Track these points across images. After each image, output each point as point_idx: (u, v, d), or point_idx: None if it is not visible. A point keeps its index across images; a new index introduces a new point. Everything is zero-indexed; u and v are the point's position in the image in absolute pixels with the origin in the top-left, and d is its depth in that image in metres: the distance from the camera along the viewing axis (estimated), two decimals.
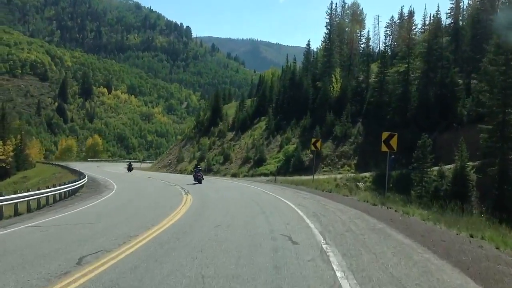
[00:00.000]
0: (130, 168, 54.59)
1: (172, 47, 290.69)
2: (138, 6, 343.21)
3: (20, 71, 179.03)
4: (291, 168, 43.38)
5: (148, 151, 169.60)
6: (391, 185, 30.28)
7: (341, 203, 18.04)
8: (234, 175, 47.60)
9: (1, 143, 69.95)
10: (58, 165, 66.28)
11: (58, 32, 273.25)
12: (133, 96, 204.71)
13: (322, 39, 58.60)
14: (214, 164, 52.98)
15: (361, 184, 38.66)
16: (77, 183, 25.62)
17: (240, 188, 28.04)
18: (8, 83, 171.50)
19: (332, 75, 53.04)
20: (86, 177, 32.36)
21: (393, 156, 25.26)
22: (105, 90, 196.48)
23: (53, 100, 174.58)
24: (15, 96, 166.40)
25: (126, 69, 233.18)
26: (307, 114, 51.41)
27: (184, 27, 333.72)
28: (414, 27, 52.08)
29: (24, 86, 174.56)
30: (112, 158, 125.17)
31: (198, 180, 31.68)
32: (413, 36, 49.47)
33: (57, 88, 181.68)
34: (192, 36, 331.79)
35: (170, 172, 57.59)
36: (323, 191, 25.52)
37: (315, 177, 37.82)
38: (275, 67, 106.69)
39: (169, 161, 66.06)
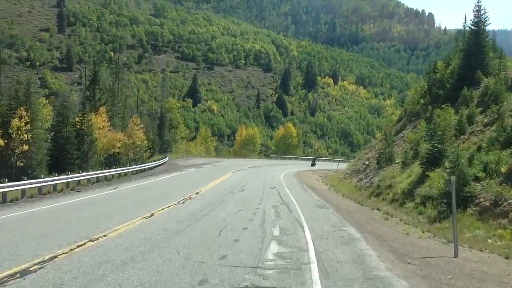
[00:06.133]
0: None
1: (411, 36, 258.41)
2: None
3: (243, 62, 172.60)
4: None
5: None
6: None
7: None
8: None
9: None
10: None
11: (292, 26, 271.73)
12: (361, 87, 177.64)
13: None
14: (475, 179, 15.31)
15: None
16: None
17: None
18: (230, 74, 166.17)
19: None
20: None
21: None
22: (330, 80, 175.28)
23: (273, 91, 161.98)
24: (235, 87, 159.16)
25: (356, 57, 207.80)
26: None
27: (426, 14, 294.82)
28: None
29: (246, 77, 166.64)
30: (332, 157, 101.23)
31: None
32: None
33: (279, 79, 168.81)
34: (435, 25, 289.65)
35: (349, 195, 26.65)
36: None
37: None
38: None
39: (365, 164, 33.30)
